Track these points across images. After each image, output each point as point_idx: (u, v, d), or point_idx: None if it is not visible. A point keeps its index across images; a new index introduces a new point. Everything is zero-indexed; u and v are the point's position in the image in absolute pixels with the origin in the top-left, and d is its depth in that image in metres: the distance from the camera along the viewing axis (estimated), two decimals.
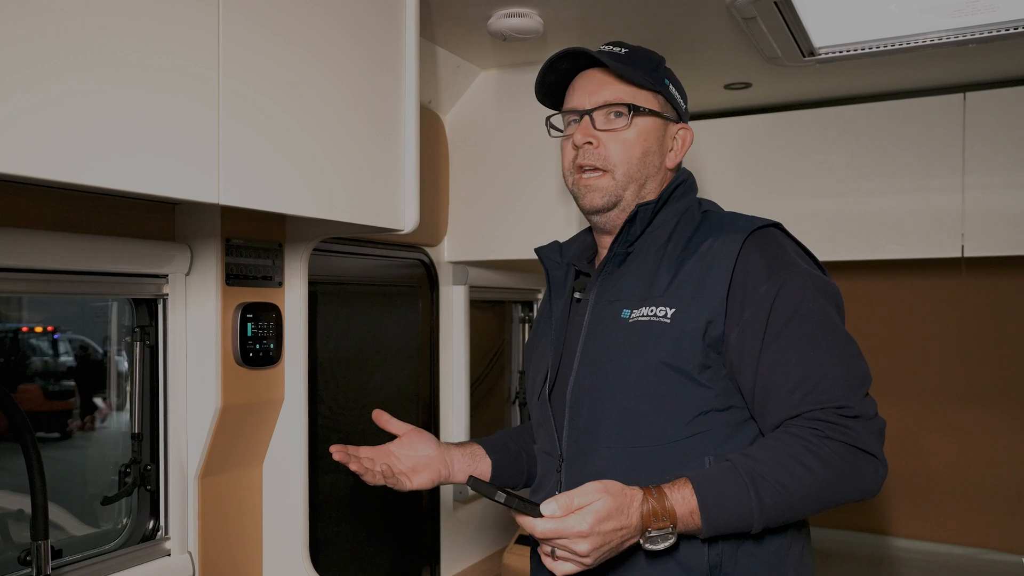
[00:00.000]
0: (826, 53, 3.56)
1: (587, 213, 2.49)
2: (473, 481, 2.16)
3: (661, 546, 2.07)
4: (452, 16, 3.30)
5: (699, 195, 2.53)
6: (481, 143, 3.94)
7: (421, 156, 2.86)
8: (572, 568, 2.05)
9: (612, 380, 2.30)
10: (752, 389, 2.21)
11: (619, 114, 2.40)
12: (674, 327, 2.23)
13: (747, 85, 4.27)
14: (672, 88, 2.48)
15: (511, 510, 2.08)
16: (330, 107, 2.49)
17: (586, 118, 2.42)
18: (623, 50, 2.45)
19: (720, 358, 2.23)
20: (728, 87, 4.30)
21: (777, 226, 2.36)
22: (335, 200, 2.52)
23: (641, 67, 2.42)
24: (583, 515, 2.00)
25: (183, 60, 1.99)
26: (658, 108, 2.43)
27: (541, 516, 2.03)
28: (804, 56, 3.58)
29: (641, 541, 2.08)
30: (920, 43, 3.40)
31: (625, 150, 2.39)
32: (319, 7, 2.44)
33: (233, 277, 2.74)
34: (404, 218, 2.80)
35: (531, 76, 3.79)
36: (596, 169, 2.41)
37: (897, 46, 3.45)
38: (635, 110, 2.39)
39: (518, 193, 3.83)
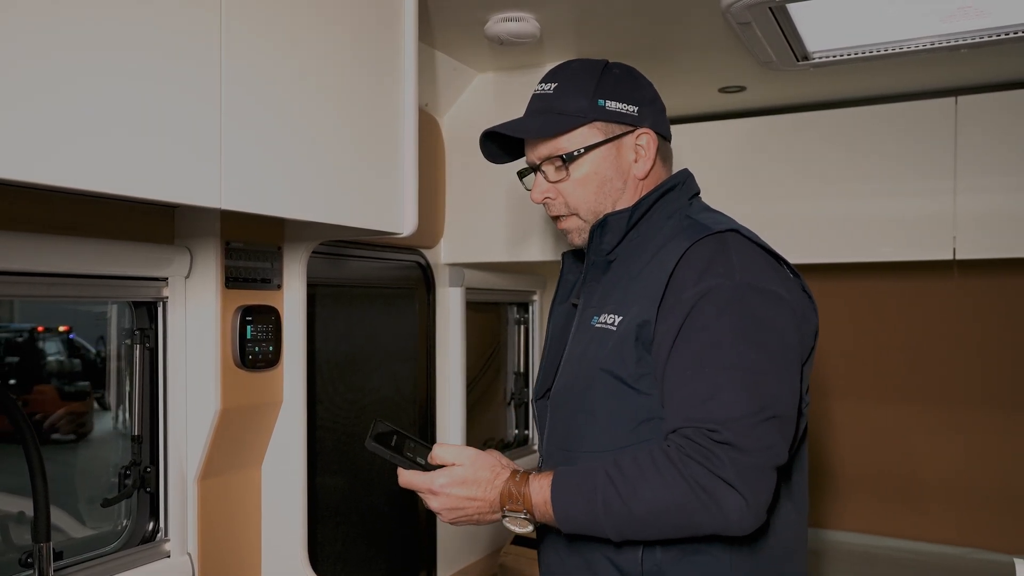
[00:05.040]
0: (820, 57, 3.57)
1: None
2: (374, 423, 2.23)
3: (519, 529, 2.15)
4: (449, 20, 3.31)
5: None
6: (477, 145, 3.94)
7: (418, 159, 2.87)
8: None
9: (574, 388, 2.32)
10: (661, 396, 2.16)
11: (558, 167, 2.39)
12: (616, 334, 2.23)
13: (741, 88, 4.28)
14: (612, 103, 2.38)
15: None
16: (330, 111, 2.51)
17: (539, 175, 2.45)
18: (551, 86, 2.42)
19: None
20: (722, 90, 4.31)
21: (734, 231, 2.24)
22: (335, 204, 2.53)
23: (568, 100, 2.38)
24: (438, 474, 2.15)
25: (185, 66, 2.00)
26: (600, 136, 2.37)
27: (417, 467, 2.19)
28: (798, 60, 3.58)
29: (502, 520, 2.17)
30: (913, 48, 3.41)
31: (577, 193, 2.38)
32: (318, 13, 2.45)
33: (232, 280, 2.75)
34: (403, 221, 2.81)
35: (527, 79, 3.84)
36: (563, 215, 2.44)
37: (890, 51, 3.45)
38: (568, 158, 2.37)
39: (514, 196, 3.83)
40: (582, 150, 2.36)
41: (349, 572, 3.57)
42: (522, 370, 5.03)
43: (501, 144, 2.57)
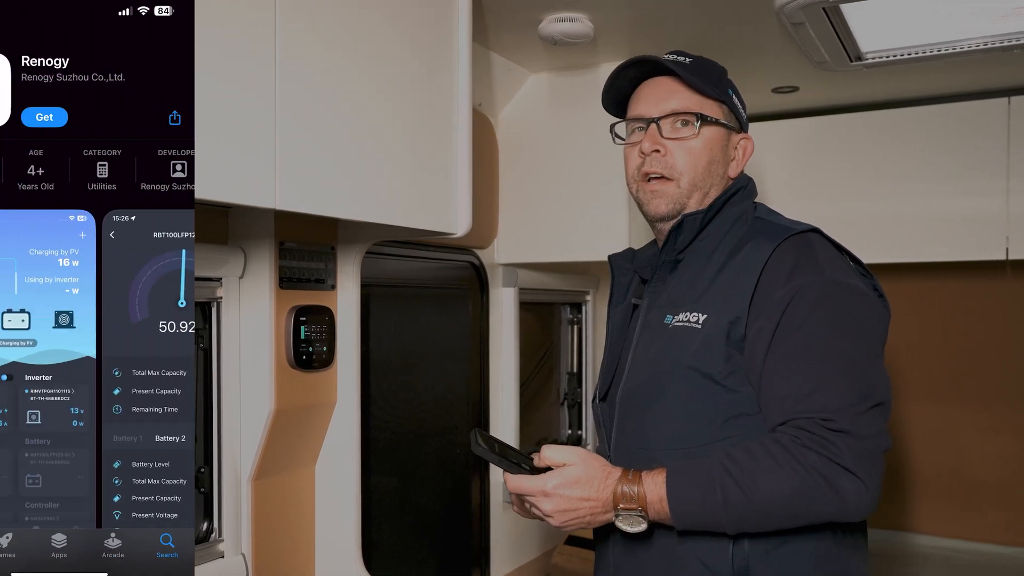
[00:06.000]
0: (873, 58, 3.56)
1: (651, 220, 2.49)
2: (475, 432, 2.21)
3: (632, 528, 2.12)
4: (503, 21, 3.31)
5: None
6: (531, 146, 3.96)
7: (472, 159, 2.87)
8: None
9: (651, 385, 2.33)
10: (757, 392, 2.20)
11: (686, 123, 2.39)
12: (703, 332, 2.24)
13: (794, 89, 4.26)
14: (735, 99, 2.48)
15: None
16: (384, 112, 2.51)
17: (653, 126, 2.40)
18: (687, 59, 2.43)
19: (743, 360, 2.22)
20: (776, 91, 4.30)
21: (816, 231, 2.33)
22: (389, 204, 2.54)
23: (706, 77, 2.41)
24: (550, 476, 2.11)
25: (240, 67, 2.01)
26: (722, 118, 2.42)
27: (523, 471, 2.15)
28: (851, 61, 3.57)
29: (614, 519, 2.13)
30: (966, 48, 3.39)
31: (692, 159, 2.38)
32: (373, 13, 2.46)
33: (286, 280, 2.76)
34: (457, 221, 2.82)
35: (581, 80, 3.83)
36: (662, 177, 2.40)
37: (943, 51, 3.44)
38: (703, 119, 2.38)
39: (567, 195, 3.85)
40: (714, 119, 2.41)
41: (402, 571, 3.57)
42: (575, 370, 5.02)
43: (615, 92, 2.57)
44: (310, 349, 2.81)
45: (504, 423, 4.12)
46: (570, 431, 5.00)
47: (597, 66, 3.80)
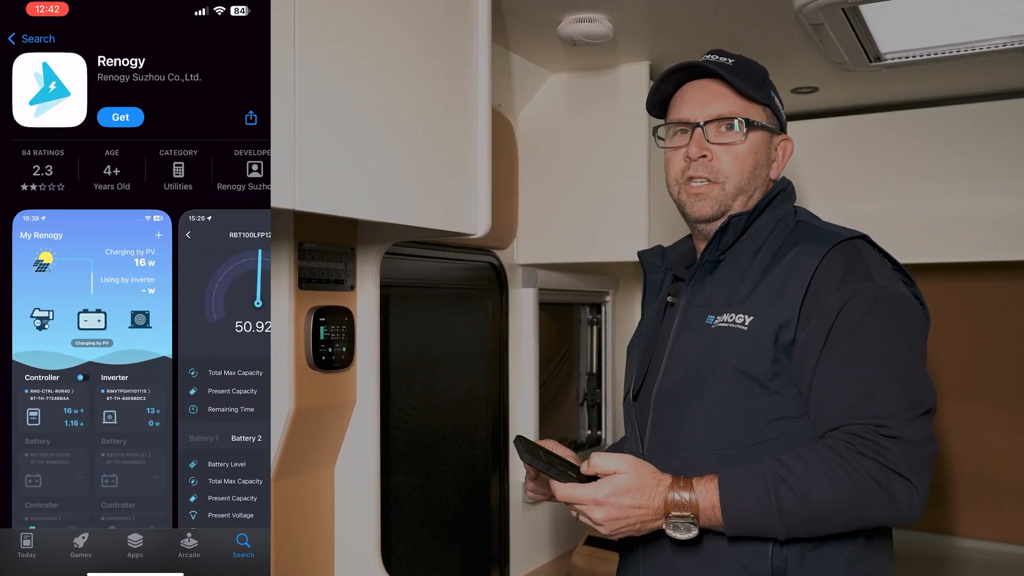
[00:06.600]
0: (892, 58, 3.55)
1: (694, 222, 2.49)
2: (519, 440, 2.24)
3: (683, 535, 2.13)
4: (523, 21, 3.31)
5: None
6: (551, 146, 3.97)
7: (492, 159, 2.87)
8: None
9: (692, 384, 2.33)
10: (807, 398, 2.21)
11: (730, 127, 2.39)
12: (749, 334, 2.25)
13: (814, 89, 4.26)
14: (777, 100, 2.49)
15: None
16: (404, 112, 2.51)
17: (698, 131, 2.40)
18: (729, 60, 2.43)
19: (790, 364, 2.23)
20: (795, 91, 4.29)
21: (864, 238, 2.34)
22: (408, 204, 2.53)
23: (750, 79, 2.42)
24: (601, 484, 2.12)
25: None
26: (766, 121, 2.43)
27: (570, 479, 2.16)
28: (871, 61, 3.57)
29: (664, 526, 2.14)
30: (986, 48, 3.39)
31: (737, 163, 2.39)
32: (392, 14, 2.45)
33: (306, 281, 2.75)
34: (476, 222, 2.81)
35: (601, 80, 3.82)
36: (707, 180, 2.41)
37: (963, 51, 3.44)
38: (749, 124, 2.39)
39: (587, 196, 3.85)
40: (759, 123, 2.42)
41: (422, 572, 3.57)
42: (595, 371, 5.01)
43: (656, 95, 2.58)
44: (330, 350, 2.81)
45: (524, 424, 4.12)
46: (589, 431, 4.99)
47: (616, 66, 3.80)
